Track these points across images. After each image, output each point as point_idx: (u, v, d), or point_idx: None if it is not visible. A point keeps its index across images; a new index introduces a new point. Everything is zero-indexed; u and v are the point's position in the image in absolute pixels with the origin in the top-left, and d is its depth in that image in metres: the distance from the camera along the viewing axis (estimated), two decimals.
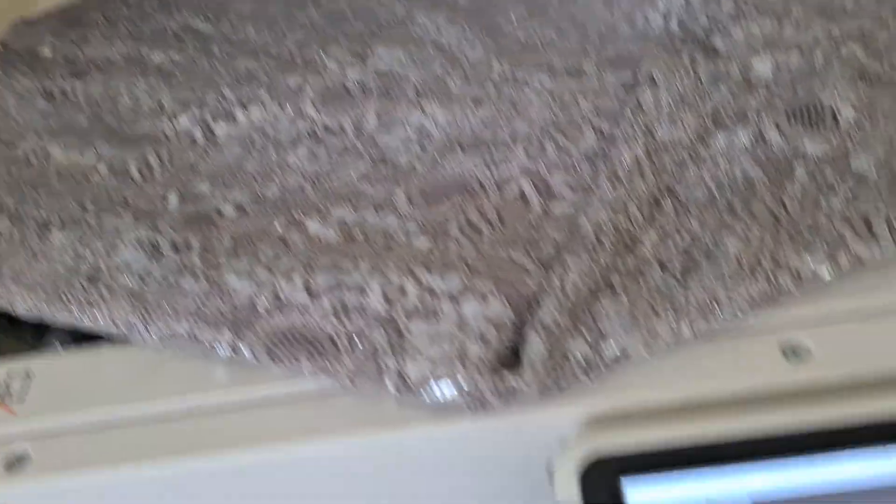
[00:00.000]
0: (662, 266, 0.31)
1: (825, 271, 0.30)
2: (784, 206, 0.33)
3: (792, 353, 0.29)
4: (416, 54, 0.47)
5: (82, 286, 0.35)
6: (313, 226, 0.37)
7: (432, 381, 0.29)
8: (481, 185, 0.37)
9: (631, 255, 0.32)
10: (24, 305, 0.35)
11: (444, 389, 0.28)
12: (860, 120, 0.35)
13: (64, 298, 0.35)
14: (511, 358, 0.29)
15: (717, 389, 0.29)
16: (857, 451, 0.27)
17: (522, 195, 0.36)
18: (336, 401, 0.31)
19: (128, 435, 0.32)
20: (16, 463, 0.31)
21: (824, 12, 0.42)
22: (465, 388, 0.28)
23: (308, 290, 0.33)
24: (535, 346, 0.29)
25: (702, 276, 0.30)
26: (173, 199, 0.40)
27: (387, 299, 0.32)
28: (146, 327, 0.33)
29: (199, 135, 0.44)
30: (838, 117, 0.35)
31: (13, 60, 0.53)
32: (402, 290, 0.32)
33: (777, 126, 0.36)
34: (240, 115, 0.45)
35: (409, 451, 0.30)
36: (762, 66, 0.39)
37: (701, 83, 0.39)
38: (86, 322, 0.34)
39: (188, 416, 0.32)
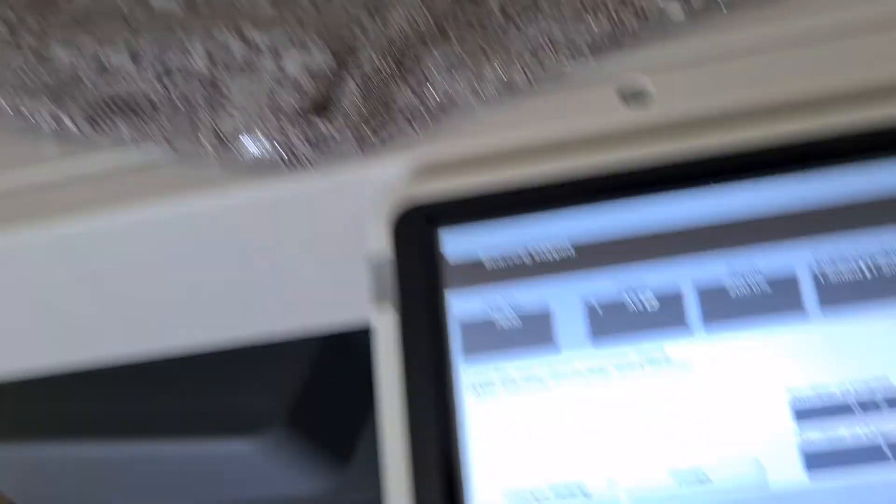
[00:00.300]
0: (506, 15, 0.29)
1: (676, 10, 0.27)
2: None
3: (631, 96, 0.27)
4: None
5: None
6: (158, 1, 0.34)
7: (244, 134, 0.27)
8: None
9: (472, 5, 0.29)
10: None
11: (256, 142, 0.27)
12: None
13: None
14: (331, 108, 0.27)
15: (546, 135, 0.26)
16: (674, 191, 0.25)
17: None
18: (163, 170, 0.29)
19: None
20: None
21: None
22: (276, 139, 0.26)
23: (133, 57, 0.31)
24: (349, 92, 0.27)
25: (540, 20, 0.28)
26: None
27: (210, 59, 0.29)
28: None
29: None
30: None
31: None
32: (227, 49, 0.29)
33: None
34: None
35: (230, 214, 0.28)
36: None
37: None
38: None
39: (16, 191, 0.30)
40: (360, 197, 0.28)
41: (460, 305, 0.25)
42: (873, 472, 0.23)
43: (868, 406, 0.23)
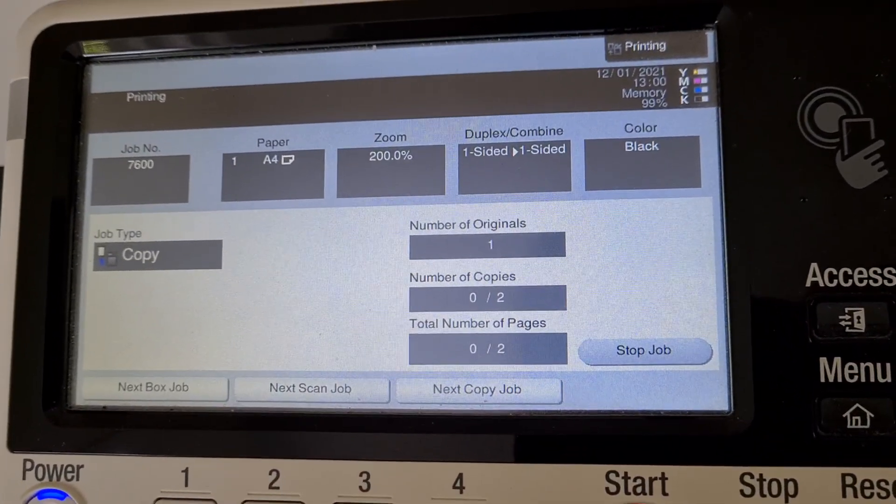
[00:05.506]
0: None
1: None
2: None
3: None
4: None
5: None
6: None
7: None
8: None
9: None
10: None
11: None
12: None
13: None
14: None
15: None
16: (336, 45, 0.23)
17: None
18: None
19: None
20: None
21: None
22: None
23: None
24: None
25: None
26: None
27: None
28: None
29: None
30: None
31: None
32: None
33: None
34: None
35: None
36: None
37: None
38: None
39: None
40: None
41: (97, 142, 0.24)
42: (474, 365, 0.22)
43: (486, 300, 0.22)
